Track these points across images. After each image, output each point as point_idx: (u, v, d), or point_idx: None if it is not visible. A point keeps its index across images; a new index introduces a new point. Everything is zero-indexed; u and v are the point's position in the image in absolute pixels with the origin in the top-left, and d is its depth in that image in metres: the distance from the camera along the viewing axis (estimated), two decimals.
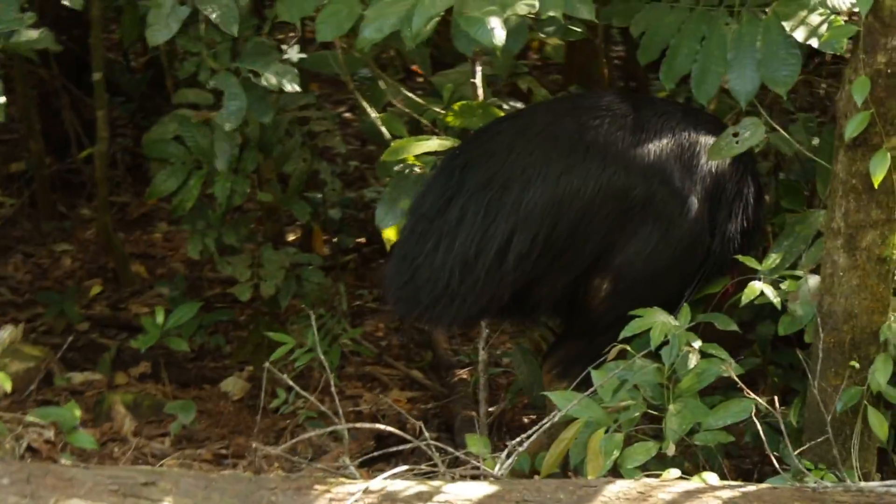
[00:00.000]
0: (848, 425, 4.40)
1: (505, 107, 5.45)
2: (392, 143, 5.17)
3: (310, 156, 5.87)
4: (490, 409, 5.58)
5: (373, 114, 5.33)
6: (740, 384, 4.31)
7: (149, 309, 6.85)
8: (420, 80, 7.62)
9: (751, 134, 4.52)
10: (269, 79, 5.15)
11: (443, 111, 5.33)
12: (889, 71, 4.09)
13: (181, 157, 5.65)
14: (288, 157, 5.88)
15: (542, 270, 4.70)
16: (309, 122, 5.97)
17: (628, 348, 4.37)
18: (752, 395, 4.31)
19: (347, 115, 8.28)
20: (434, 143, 5.12)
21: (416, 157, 5.13)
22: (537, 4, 4.34)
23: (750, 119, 4.55)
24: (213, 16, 5.02)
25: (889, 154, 4.13)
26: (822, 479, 4.16)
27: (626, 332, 4.44)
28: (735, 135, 4.54)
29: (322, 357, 4.95)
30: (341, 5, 4.75)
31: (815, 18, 4.55)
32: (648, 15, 5.00)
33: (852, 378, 4.36)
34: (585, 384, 4.53)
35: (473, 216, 4.64)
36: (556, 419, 4.36)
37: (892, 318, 4.34)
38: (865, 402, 4.35)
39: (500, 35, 4.25)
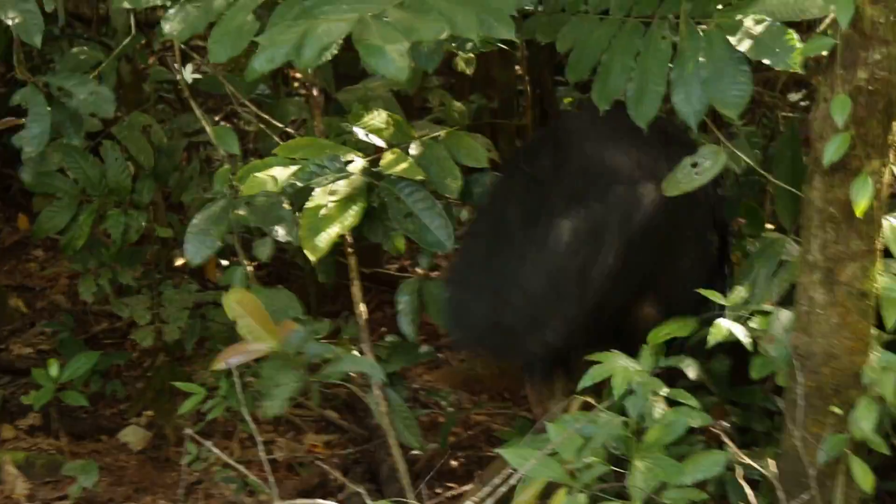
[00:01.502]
0: (828, 476, 4.03)
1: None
2: (222, 165, 4.67)
3: (209, 184, 5.32)
4: (415, 452, 5.12)
5: (207, 126, 4.79)
6: (727, 441, 3.92)
7: (32, 350, 6.32)
8: None
9: (711, 163, 4.11)
10: (82, 100, 4.58)
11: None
12: (870, 88, 3.70)
13: (69, 191, 5.09)
14: (186, 187, 5.35)
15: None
16: (206, 148, 5.46)
17: (591, 401, 3.96)
18: (733, 448, 3.93)
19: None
20: (282, 171, 4.46)
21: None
22: (447, 29, 3.74)
23: (709, 146, 4.15)
24: (12, 22, 4.39)
25: (870, 179, 3.76)
26: None
27: (584, 382, 4.04)
28: (694, 164, 4.13)
29: (244, 412, 4.48)
30: (233, 24, 4.22)
31: (757, 28, 4.05)
32: (576, 29, 4.43)
33: (833, 425, 3.99)
34: None
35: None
36: (512, 481, 3.93)
37: (874, 357, 3.98)
38: (847, 451, 3.98)
39: (401, 66, 3.64)
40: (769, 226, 4.75)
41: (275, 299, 4.53)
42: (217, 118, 8.45)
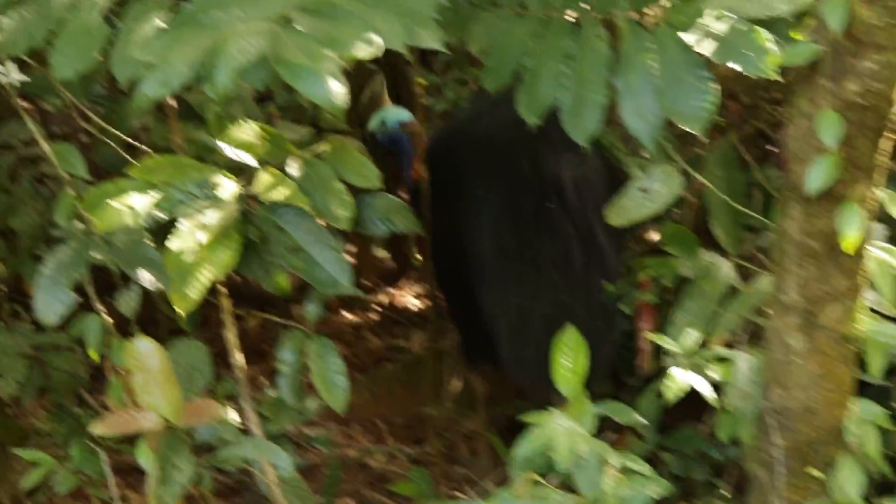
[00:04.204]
0: None
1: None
2: (66, 191, 3.86)
3: (44, 206, 4.52)
4: None
5: (44, 143, 3.94)
6: None
7: None
8: None
9: (663, 185, 3.50)
10: None
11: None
12: (862, 102, 3.13)
13: None
14: (16, 210, 4.54)
15: None
16: (38, 162, 4.63)
17: (540, 479, 3.31)
18: None
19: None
20: (141, 199, 3.66)
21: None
22: (381, 42, 2.99)
23: (661, 168, 3.53)
24: None
25: (858, 207, 3.20)
26: None
27: (522, 449, 3.40)
28: (643, 190, 3.51)
29: (109, 479, 3.77)
30: (81, 31, 3.45)
31: (718, 27, 3.41)
32: (489, 27, 3.71)
33: (812, 490, 3.44)
34: None
35: None
36: None
37: (854, 409, 3.43)
38: None
39: (337, 90, 2.93)
40: None
41: (184, 353, 3.81)
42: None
